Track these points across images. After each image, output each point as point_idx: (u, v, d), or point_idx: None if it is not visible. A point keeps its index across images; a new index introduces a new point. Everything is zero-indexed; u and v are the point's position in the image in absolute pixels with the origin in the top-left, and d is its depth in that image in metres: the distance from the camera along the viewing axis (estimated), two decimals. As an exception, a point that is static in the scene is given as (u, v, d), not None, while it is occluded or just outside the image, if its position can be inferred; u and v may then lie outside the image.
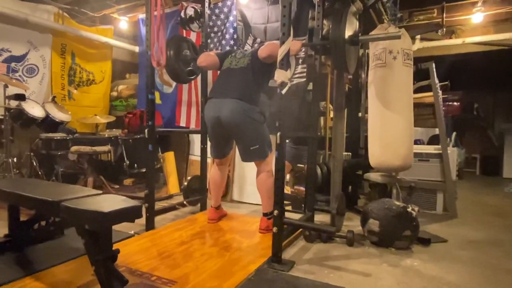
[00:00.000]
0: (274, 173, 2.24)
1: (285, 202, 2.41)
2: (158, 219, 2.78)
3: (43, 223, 2.27)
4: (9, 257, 2.02)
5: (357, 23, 2.48)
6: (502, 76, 6.45)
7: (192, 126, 4.27)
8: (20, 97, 3.49)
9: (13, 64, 4.26)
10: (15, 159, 3.58)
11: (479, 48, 5.20)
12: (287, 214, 2.21)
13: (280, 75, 2.01)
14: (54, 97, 4.29)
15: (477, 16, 4.61)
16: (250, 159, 2.64)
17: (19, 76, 4.31)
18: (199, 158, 3.35)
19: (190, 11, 3.29)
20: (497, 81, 6.94)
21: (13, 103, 3.51)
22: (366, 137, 3.13)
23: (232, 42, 3.88)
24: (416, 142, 4.85)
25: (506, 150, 6.47)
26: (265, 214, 2.65)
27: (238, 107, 2.46)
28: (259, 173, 2.62)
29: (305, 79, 3.36)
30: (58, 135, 3.84)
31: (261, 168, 2.62)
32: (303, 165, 3.63)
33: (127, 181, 4.41)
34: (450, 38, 5.26)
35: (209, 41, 3.86)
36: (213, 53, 2.88)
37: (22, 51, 4.34)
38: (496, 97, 7.83)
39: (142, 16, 4.74)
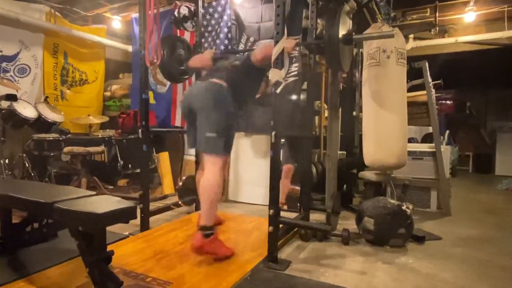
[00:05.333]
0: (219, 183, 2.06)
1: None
2: (153, 219, 2.76)
3: (36, 225, 2.25)
4: (1, 260, 1.99)
5: (351, 22, 2.48)
6: (494, 75, 6.53)
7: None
8: (12, 98, 3.44)
9: (4, 64, 4.21)
10: (7, 160, 3.53)
11: (472, 47, 5.25)
12: (282, 213, 2.21)
13: (274, 74, 2.00)
14: (47, 97, 4.23)
15: (469, 15, 4.66)
16: (201, 148, 2.19)
17: (11, 76, 4.25)
18: (194, 158, 3.34)
19: (184, 10, 3.28)
20: (489, 80, 7.02)
21: (5, 104, 3.45)
22: (360, 136, 3.15)
23: (226, 42, 3.86)
24: (410, 140, 4.88)
25: (498, 148, 6.55)
26: (201, 228, 2.04)
27: (208, 84, 2.20)
28: (206, 174, 2.12)
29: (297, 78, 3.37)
30: (51, 136, 3.79)
31: (209, 169, 2.11)
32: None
33: (121, 182, 4.38)
34: (443, 37, 5.30)
35: (203, 40, 3.85)
36: (203, 54, 2.75)
37: (13, 51, 4.28)
38: (488, 96, 7.92)
39: (135, 15, 4.71)
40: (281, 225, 2.18)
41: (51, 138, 3.77)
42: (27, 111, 3.65)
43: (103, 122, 4.65)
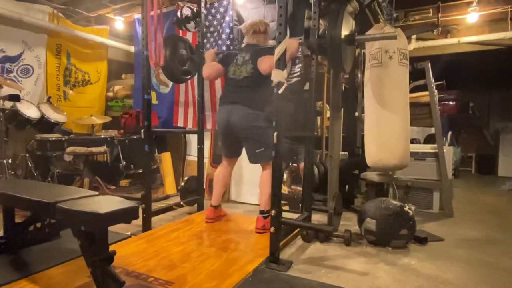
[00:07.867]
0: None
1: (282, 202, 2.42)
2: (155, 220, 2.76)
3: (38, 224, 2.25)
4: (4, 259, 2.00)
5: (353, 23, 2.48)
6: (497, 75, 6.51)
7: (190, 126, 4.26)
8: (15, 98, 3.45)
9: (7, 65, 4.23)
10: (10, 160, 3.55)
11: (474, 47, 5.23)
12: (284, 214, 2.21)
13: (276, 75, 2.00)
14: (50, 97, 4.26)
15: (472, 16, 4.64)
16: (256, 161, 2.77)
17: (14, 76, 4.28)
18: (196, 159, 3.34)
19: (187, 11, 3.29)
20: (492, 80, 7.00)
21: (8, 104, 3.48)
22: (362, 137, 3.14)
23: (228, 42, 3.87)
24: (412, 141, 4.86)
25: (501, 149, 6.51)
26: (261, 212, 2.67)
27: (246, 114, 2.67)
28: (265, 174, 2.71)
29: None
30: (54, 136, 3.81)
31: (266, 170, 2.69)
32: (296, 165, 3.64)
33: (124, 182, 4.39)
34: (446, 37, 5.28)
35: (205, 41, 3.85)
36: (214, 62, 2.92)
37: (16, 52, 4.31)
38: (491, 96, 7.89)
39: (138, 16, 4.71)
40: (283, 226, 2.18)
41: (53, 138, 3.78)
42: (30, 111, 3.67)
43: (105, 122, 4.66)
